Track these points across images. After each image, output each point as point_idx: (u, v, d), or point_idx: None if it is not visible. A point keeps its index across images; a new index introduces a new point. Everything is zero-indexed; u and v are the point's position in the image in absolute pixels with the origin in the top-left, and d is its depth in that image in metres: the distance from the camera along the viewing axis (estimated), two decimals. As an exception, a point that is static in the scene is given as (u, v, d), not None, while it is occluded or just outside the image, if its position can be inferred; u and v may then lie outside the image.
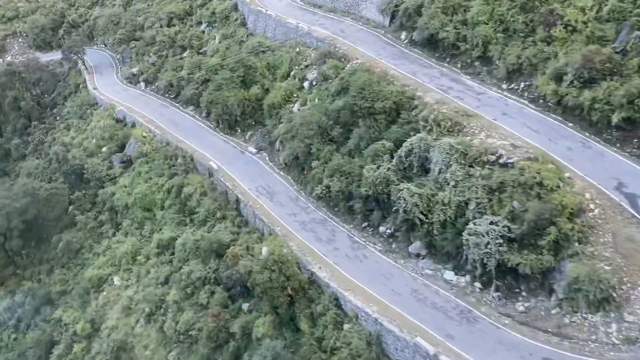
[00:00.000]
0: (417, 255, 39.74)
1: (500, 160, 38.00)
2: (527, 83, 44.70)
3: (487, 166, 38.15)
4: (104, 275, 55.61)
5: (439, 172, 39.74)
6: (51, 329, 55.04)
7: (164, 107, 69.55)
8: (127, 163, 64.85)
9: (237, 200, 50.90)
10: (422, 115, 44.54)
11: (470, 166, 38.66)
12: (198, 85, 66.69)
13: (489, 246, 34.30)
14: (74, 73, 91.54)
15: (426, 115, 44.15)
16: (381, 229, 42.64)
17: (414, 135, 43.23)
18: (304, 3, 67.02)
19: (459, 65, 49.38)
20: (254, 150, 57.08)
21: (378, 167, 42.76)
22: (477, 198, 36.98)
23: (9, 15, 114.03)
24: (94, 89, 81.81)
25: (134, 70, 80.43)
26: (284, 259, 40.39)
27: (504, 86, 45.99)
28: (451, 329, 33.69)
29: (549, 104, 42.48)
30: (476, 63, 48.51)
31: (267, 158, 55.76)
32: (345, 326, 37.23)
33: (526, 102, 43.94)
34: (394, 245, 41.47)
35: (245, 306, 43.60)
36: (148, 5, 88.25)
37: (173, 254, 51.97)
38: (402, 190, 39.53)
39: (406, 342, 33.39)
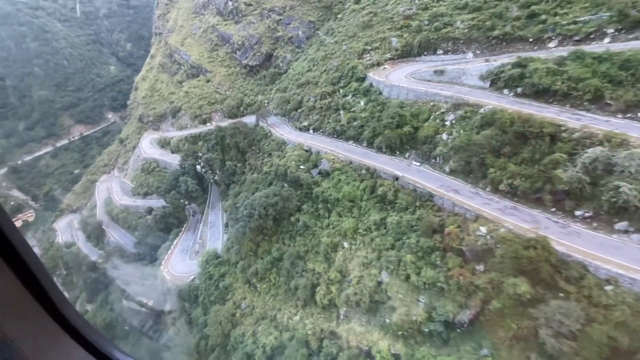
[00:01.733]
0: (625, 232, 25.06)
1: (701, 163, 23.36)
2: (647, 112, 29.98)
3: (688, 167, 23.55)
4: (336, 242, 40.92)
5: (636, 172, 24.99)
6: (310, 276, 40.09)
7: (334, 143, 55.40)
8: (324, 174, 49.84)
9: (431, 194, 35.92)
10: (577, 135, 29.84)
11: (671, 168, 24.02)
12: (356, 128, 51.94)
13: None
14: (259, 128, 76.25)
15: (584, 135, 29.59)
16: (577, 212, 28.25)
17: (584, 149, 28.61)
18: (414, 79, 51.94)
19: (568, 105, 34.59)
20: (417, 164, 42.63)
21: (565, 171, 28.16)
22: (697, 191, 22.36)
23: (219, 98, 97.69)
24: (281, 135, 66.30)
25: (305, 123, 65.81)
26: (543, 240, 25.36)
27: (620, 115, 31.11)
28: None
29: (679, 124, 27.91)
30: (585, 103, 33.59)
31: (429, 168, 40.65)
32: (607, 287, 22.61)
33: (654, 124, 29.23)
34: (594, 225, 26.78)
35: (479, 267, 28.84)
36: (301, 90, 71.98)
37: (386, 229, 37.06)
38: (621, 186, 25.00)
39: None
